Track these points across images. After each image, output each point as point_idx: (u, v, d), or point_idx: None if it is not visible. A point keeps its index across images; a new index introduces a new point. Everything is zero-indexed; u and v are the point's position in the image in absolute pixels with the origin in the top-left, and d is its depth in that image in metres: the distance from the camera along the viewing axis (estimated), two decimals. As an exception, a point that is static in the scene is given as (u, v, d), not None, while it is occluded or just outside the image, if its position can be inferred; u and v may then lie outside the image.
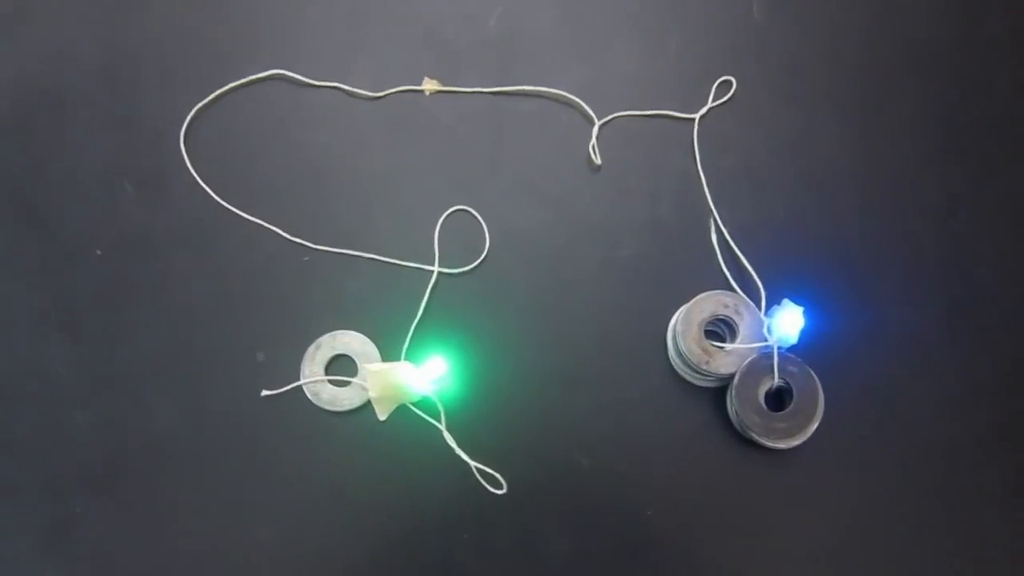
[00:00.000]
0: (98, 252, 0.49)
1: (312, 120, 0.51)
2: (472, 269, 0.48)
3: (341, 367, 0.47)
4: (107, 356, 0.48)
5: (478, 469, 0.45)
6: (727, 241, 0.48)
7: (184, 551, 0.45)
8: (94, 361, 0.48)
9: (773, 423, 0.43)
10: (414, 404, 0.46)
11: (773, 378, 0.44)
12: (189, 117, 0.51)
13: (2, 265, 0.49)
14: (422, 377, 0.45)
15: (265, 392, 0.46)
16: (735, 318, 0.45)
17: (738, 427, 0.45)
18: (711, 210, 0.48)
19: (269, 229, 0.49)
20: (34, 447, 0.47)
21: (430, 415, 0.46)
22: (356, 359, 0.47)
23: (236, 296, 0.48)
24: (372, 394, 0.45)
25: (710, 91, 0.51)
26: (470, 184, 0.50)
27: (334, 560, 0.45)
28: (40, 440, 0.47)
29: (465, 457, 0.45)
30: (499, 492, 0.44)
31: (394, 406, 0.46)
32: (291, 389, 0.46)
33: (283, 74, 0.51)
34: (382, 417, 0.46)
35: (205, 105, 0.51)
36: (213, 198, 0.49)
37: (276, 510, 0.45)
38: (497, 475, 0.45)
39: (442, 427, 0.45)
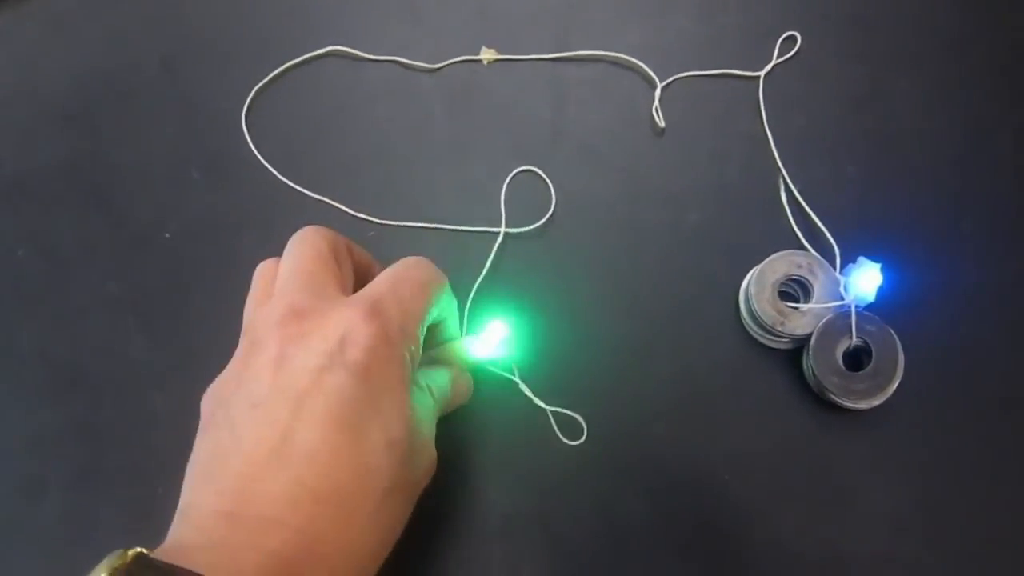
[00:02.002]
0: (167, 236, 0.50)
1: (371, 95, 0.51)
2: (540, 227, 0.48)
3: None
4: (180, 339, 0.48)
5: (554, 414, 0.44)
6: (797, 200, 0.47)
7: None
8: (168, 344, 0.48)
9: (852, 383, 0.42)
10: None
11: (851, 338, 0.43)
12: (249, 98, 0.51)
13: (74, 252, 0.50)
14: (483, 346, 0.44)
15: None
16: (809, 278, 0.44)
17: (815, 388, 0.44)
18: (780, 169, 0.47)
19: (333, 206, 0.49)
20: (114, 431, 0.47)
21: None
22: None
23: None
24: None
25: (774, 48, 0.49)
26: (532, 151, 0.49)
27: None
28: (120, 424, 0.48)
29: (540, 403, 0.45)
30: (576, 442, 0.44)
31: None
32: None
33: (340, 50, 0.51)
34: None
35: (264, 85, 0.51)
36: (277, 178, 0.50)
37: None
38: (577, 417, 0.44)
39: (515, 378, 0.45)
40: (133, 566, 0.27)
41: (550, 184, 0.48)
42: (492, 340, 0.43)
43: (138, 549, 0.28)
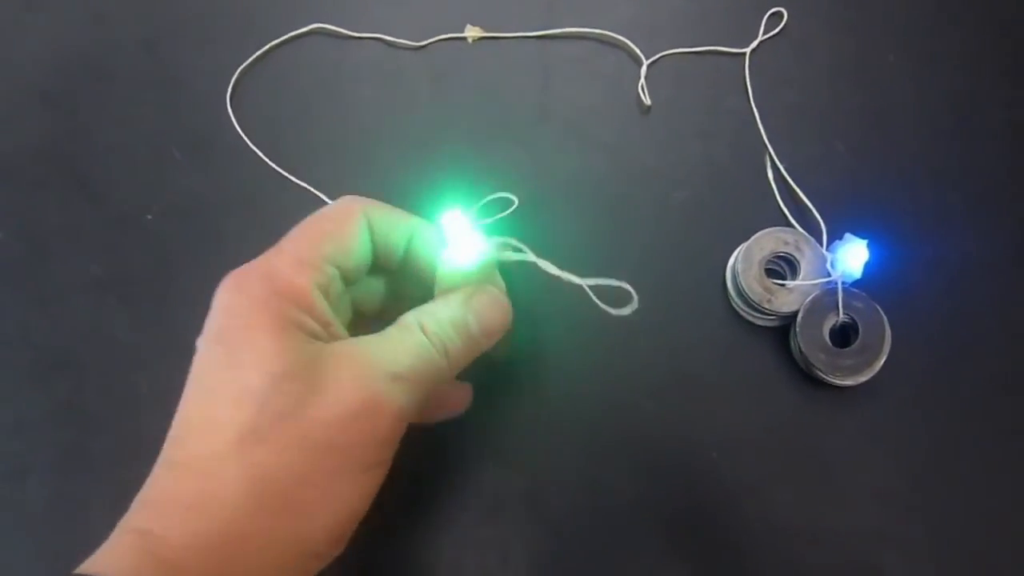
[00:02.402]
0: (149, 217, 0.49)
1: (355, 73, 0.51)
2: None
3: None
4: (164, 321, 0.48)
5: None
6: (784, 177, 0.46)
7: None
8: (152, 326, 0.48)
9: (839, 360, 0.43)
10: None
11: (838, 314, 0.43)
12: (233, 78, 0.50)
13: (56, 235, 0.49)
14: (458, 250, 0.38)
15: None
16: (796, 254, 0.44)
17: (802, 365, 0.44)
18: (766, 146, 0.47)
19: (315, 193, 0.48)
20: (99, 413, 0.47)
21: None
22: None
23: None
24: None
25: (760, 24, 0.49)
26: (518, 129, 0.49)
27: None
28: (104, 406, 0.47)
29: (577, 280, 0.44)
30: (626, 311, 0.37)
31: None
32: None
33: (324, 28, 0.51)
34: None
35: (247, 66, 0.51)
36: (260, 159, 0.49)
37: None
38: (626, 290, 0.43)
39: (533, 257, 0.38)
40: None
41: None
42: (461, 240, 0.36)
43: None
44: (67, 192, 0.50)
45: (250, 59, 0.51)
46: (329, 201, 0.48)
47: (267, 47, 0.51)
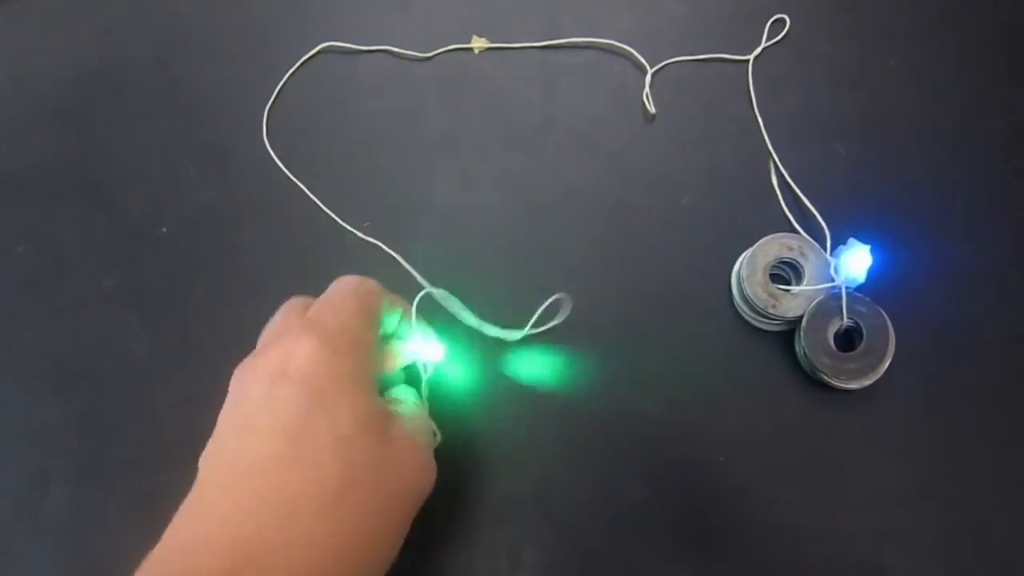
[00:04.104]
0: (164, 230, 0.50)
1: (364, 86, 0.51)
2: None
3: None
4: (180, 332, 0.49)
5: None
6: (788, 183, 0.47)
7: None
8: (168, 338, 0.49)
9: (843, 364, 0.43)
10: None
11: (842, 318, 0.43)
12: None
13: (73, 248, 0.51)
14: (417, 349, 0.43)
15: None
16: (800, 260, 0.44)
17: (807, 369, 0.44)
18: (770, 152, 0.48)
19: (328, 201, 0.49)
20: (117, 424, 0.48)
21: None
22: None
23: (301, 268, 0.49)
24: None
25: (763, 31, 0.50)
26: (524, 138, 0.50)
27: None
28: (122, 417, 0.48)
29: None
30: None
31: None
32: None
33: (333, 45, 0.51)
34: None
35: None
36: (273, 172, 0.50)
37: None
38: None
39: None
40: None
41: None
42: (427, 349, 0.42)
43: None
44: (83, 206, 0.51)
45: (272, 97, 0.52)
46: (336, 217, 0.49)
47: (282, 82, 0.52)
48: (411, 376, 0.43)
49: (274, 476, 0.32)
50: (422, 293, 0.41)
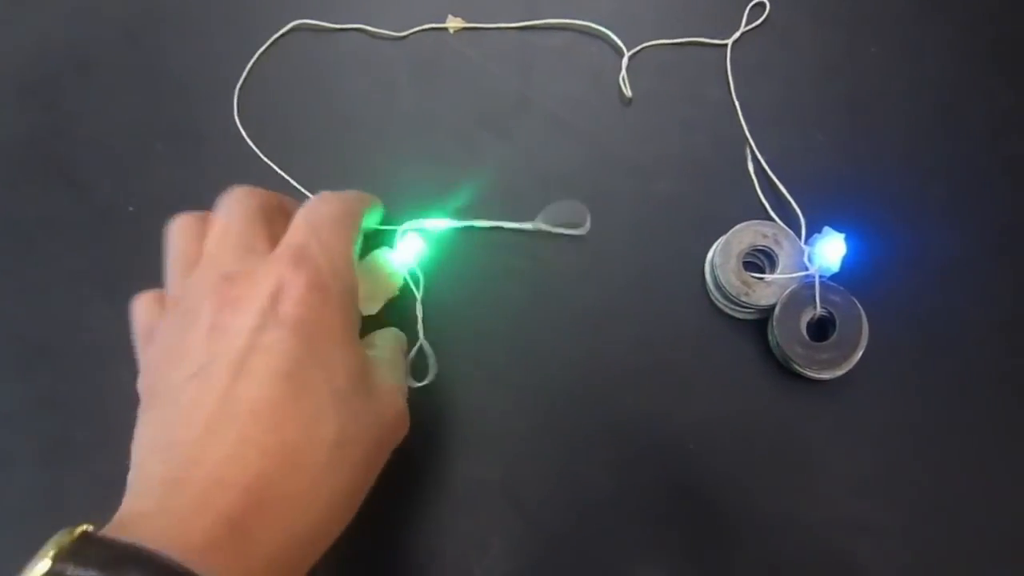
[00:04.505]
0: (131, 209, 0.49)
1: (337, 66, 0.50)
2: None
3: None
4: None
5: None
6: (764, 170, 0.46)
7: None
8: (135, 318, 0.48)
9: (816, 353, 0.43)
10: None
11: (815, 308, 0.43)
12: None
13: (37, 226, 0.50)
14: (399, 255, 0.46)
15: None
16: (774, 248, 0.44)
17: (780, 359, 0.44)
18: (747, 138, 0.47)
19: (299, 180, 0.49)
20: (81, 405, 0.47)
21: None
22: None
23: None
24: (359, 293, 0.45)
25: (743, 15, 0.49)
26: (499, 122, 0.49)
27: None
28: (86, 398, 0.47)
29: (425, 343, 0.45)
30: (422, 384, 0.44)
31: (381, 300, 0.46)
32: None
33: (304, 23, 0.50)
34: (372, 311, 0.46)
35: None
36: (243, 151, 0.49)
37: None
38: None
39: (418, 295, 0.45)
40: (78, 543, 0.27)
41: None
42: (408, 251, 0.46)
43: (84, 527, 0.28)
44: (48, 184, 0.50)
45: (243, 74, 0.51)
46: (309, 195, 0.48)
47: (251, 61, 0.50)
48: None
49: (274, 425, 0.31)
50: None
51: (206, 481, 0.30)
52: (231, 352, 0.32)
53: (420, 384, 0.44)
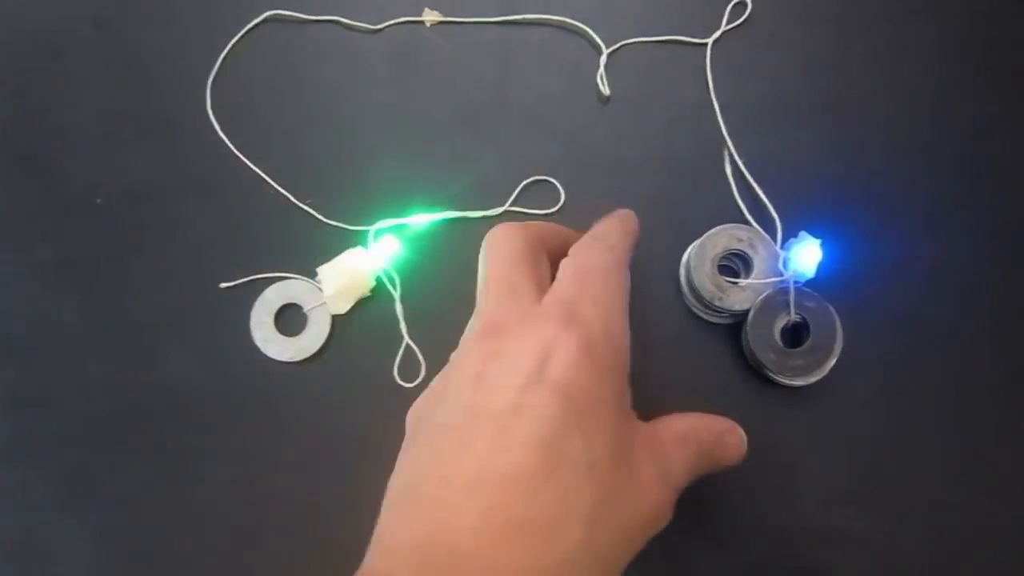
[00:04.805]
0: (98, 201, 0.48)
1: (311, 58, 0.49)
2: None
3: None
4: (116, 307, 0.48)
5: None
6: (742, 172, 0.46)
7: (198, 498, 0.45)
8: (102, 313, 0.47)
9: (789, 360, 0.42)
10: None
11: (789, 314, 0.42)
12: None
13: (4, 218, 0.49)
14: (373, 255, 0.46)
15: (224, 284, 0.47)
16: (750, 252, 0.43)
17: (753, 364, 0.43)
18: (725, 140, 0.46)
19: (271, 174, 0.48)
20: (49, 400, 0.47)
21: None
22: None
23: (241, 243, 0.48)
24: (327, 291, 0.45)
25: (724, 14, 0.48)
26: (475, 118, 0.48)
27: (345, 503, 0.45)
28: (54, 392, 0.47)
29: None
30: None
31: (352, 299, 0.46)
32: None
33: (279, 14, 0.49)
34: (342, 311, 0.46)
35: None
36: (214, 143, 0.48)
37: (286, 457, 0.45)
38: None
39: (396, 296, 0.46)
40: None
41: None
42: (383, 252, 0.46)
43: None
44: (16, 175, 0.49)
45: (215, 67, 0.50)
46: (280, 189, 0.47)
47: (224, 52, 0.49)
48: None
49: (529, 495, 0.29)
50: None
51: (453, 552, 0.28)
52: (493, 410, 0.31)
53: (410, 385, 0.44)
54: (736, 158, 0.46)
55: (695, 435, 0.36)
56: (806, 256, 0.42)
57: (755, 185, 0.45)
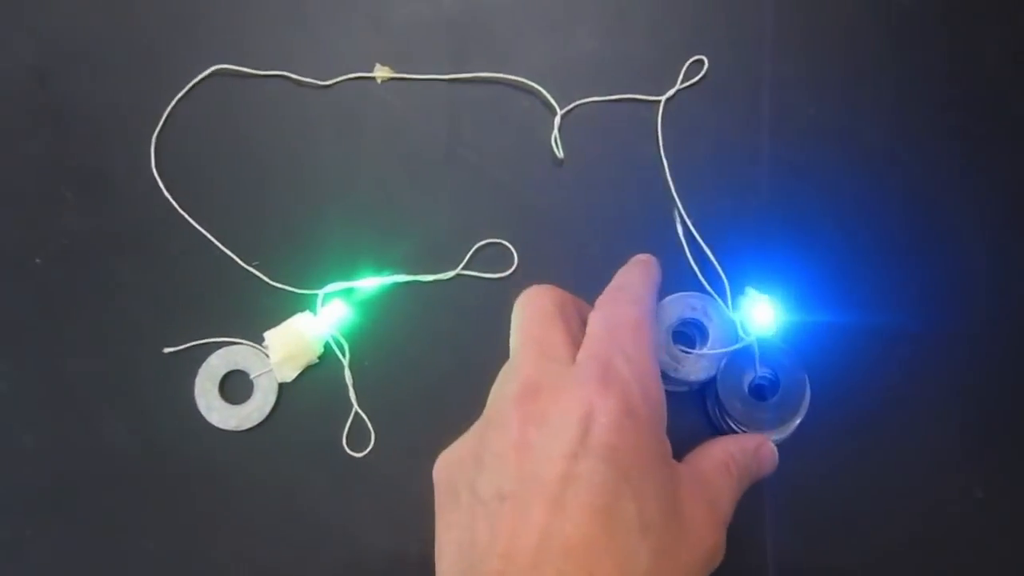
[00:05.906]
0: (38, 261, 0.47)
1: (258, 113, 0.48)
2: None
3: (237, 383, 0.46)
4: (53, 372, 0.46)
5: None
6: (693, 234, 0.45)
7: (137, 572, 0.44)
8: (39, 378, 0.46)
9: (757, 413, 0.41)
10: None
11: (754, 373, 0.42)
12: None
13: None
14: (321, 321, 0.45)
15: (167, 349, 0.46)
16: (704, 320, 0.43)
17: (717, 425, 0.43)
18: (675, 201, 0.46)
19: (212, 241, 0.47)
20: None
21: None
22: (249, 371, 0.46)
23: (185, 306, 0.47)
24: (274, 358, 0.44)
25: (680, 72, 0.48)
26: (425, 176, 0.47)
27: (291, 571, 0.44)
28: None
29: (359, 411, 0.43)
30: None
31: (299, 365, 0.45)
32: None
33: (225, 68, 0.48)
34: (288, 378, 0.45)
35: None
36: (159, 202, 0.47)
37: (229, 529, 0.44)
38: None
39: (345, 362, 0.45)
40: None
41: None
42: (331, 317, 0.45)
43: None
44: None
45: (160, 123, 0.48)
46: (225, 250, 0.46)
47: (170, 106, 0.48)
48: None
49: (588, 564, 0.29)
50: None
51: None
52: (545, 481, 0.30)
53: (359, 455, 0.43)
54: (686, 220, 0.45)
55: (733, 460, 0.38)
56: (760, 316, 0.42)
57: (705, 247, 0.45)
